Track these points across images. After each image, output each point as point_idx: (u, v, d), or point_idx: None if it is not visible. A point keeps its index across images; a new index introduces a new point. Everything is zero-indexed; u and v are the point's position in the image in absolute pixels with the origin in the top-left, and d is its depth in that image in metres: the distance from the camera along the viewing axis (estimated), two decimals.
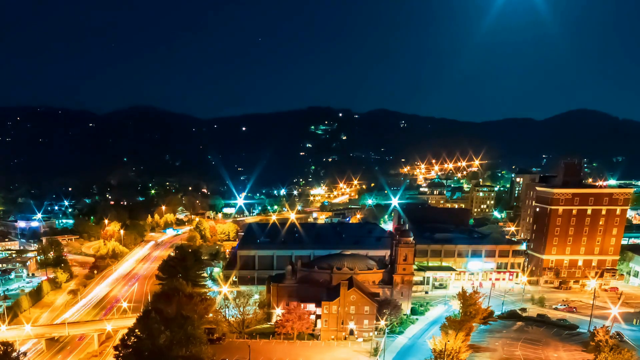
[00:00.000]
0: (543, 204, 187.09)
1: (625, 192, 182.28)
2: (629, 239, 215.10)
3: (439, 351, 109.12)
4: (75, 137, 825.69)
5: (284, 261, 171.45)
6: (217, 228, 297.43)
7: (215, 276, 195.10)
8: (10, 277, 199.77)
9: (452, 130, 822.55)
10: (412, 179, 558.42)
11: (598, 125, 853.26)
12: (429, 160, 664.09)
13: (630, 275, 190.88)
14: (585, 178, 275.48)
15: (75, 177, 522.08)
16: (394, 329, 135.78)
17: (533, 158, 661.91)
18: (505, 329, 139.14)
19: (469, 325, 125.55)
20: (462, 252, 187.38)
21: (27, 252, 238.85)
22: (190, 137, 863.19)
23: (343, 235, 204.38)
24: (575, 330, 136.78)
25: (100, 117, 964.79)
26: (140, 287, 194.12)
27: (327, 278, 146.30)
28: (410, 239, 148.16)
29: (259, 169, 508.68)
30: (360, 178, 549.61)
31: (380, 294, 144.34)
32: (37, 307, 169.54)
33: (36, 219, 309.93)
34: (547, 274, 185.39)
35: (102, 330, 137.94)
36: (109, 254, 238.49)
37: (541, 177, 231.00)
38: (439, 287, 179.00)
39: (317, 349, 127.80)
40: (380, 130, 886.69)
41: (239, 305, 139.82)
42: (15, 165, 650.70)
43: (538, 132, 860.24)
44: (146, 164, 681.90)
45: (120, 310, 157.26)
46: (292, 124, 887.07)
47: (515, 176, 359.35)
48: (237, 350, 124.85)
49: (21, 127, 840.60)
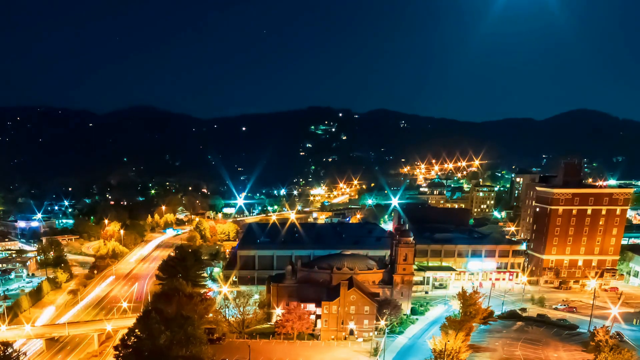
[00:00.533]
0: (543, 204, 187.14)
1: (625, 192, 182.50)
2: (629, 239, 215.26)
3: (439, 351, 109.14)
4: (75, 137, 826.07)
5: (284, 261, 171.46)
6: (217, 228, 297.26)
7: (215, 276, 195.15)
8: (10, 277, 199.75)
9: (452, 130, 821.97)
10: (412, 179, 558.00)
11: (598, 125, 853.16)
12: (429, 160, 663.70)
13: (630, 275, 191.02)
14: (585, 178, 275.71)
15: (75, 177, 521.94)
16: (394, 329, 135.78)
17: (533, 158, 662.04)
18: (505, 329, 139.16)
19: (469, 325, 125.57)
20: (462, 252, 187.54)
21: (27, 252, 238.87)
22: (190, 137, 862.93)
23: (343, 235, 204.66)
24: (575, 330, 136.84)
25: (100, 117, 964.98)
26: (140, 287, 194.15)
27: (327, 278, 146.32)
28: (410, 239, 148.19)
29: (259, 169, 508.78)
30: (360, 178, 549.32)
31: (380, 294, 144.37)
32: (37, 307, 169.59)
33: (36, 219, 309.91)
34: (547, 274, 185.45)
35: (102, 330, 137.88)
36: (109, 254, 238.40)
37: (541, 177, 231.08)
38: (439, 287, 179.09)
39: (317, 349, 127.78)
40: (380, 130, 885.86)
41: (239, 305, 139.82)
42: (15, 165, 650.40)
43: (538, 132, 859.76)
44: (146, 164, 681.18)
45: (120, 310, 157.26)
46: (292, 124, 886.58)
47: (515, 176, 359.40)
48: (237, 350, 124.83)
49: (21, 127, 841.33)
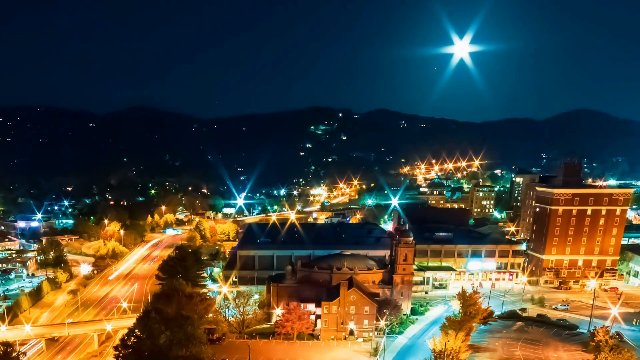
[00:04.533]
0: (543, 204, 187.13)
1: (625, 192, 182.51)
2: (628, 239, 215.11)
3: (439, 351, 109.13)
4: (75, 137, 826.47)
5: (284, 261, 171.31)
6: (217, 228, 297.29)
7: (215, 276, 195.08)
8: (10, 277, 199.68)
9: (452, 130, 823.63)
10: (412, 179, 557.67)
11: (598, 125, 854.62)
12: (429, 161, 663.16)
13: (630, 275, 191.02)
14: (585, 178, 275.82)
15: (75, 177, 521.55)
16: (394, 329, 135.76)
17: (533, 158, 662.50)
18: (505, 329, 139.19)
19: (469, 325, 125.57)
20: (462, 252, 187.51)
21: (27, 252, 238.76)
22: (190, 137, 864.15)
23: (343, 235, 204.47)
24: (575, 331, 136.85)
25: (100, 117, 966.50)
26: (140, 287, 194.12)
27: (327, 278, 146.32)
28: (410, 239, 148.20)
29: (259, 169, 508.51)
30: (360, 178, 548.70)
31: (380, 294, 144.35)
32: (37, 307, 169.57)
33: (36, 219, 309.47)
34: (547, 274, 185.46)
35: (102, 330, 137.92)
36: (108, 254, 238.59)
37: (541, 177, 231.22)
38: (439, 287, 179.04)
39: (317, 349, 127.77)
40: (380, 130, 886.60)
41: (238, 305, 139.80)
42: (15, 165, 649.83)
43: (538, 132, 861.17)
44: (146, 164, 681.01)
45: (120, 310, 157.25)
46: (292, 124, 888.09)
47: (515, 176, 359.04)
48: (237, 350, 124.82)
49: (21, 127, 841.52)
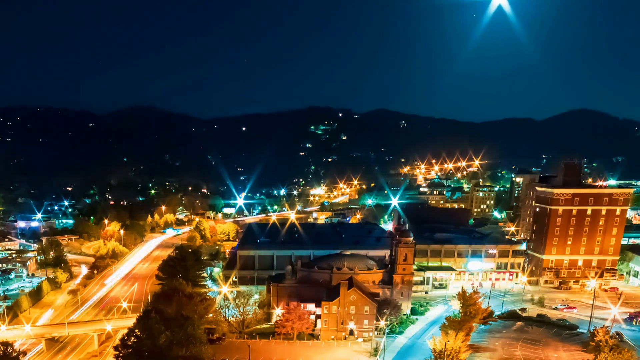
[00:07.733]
0: (543, 204, 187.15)
1: (625, 192, 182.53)
2: (629, 239, 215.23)
3: (439, 351, 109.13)
4: (75, 137, 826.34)
5: (284, 261, 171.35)
6: (217, 228, 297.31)
7: (215, 276, 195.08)
8: (10, 277, 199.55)
9: (452, 130, 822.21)
10: (412, 179, 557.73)
11: (598, 125, 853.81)
12: (429, 160, 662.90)
13: (630, 275, 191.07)
14: (585, 178, 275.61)
15: (75, 177, 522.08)
16: (394, 329, 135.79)
17: (533, 158, 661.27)
18: (505, 329, 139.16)
19: (469, 325, 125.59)
20: (462, 252, 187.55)
21: (27, 252, 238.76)
22: (190, 137, 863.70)
23: (343, 235, 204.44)
24: (575, 330, 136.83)
25: (100, 117, 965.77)
26: (140, 287, 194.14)
27: (327, 278, 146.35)
28: (410, 239, 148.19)
29: (259, 169, 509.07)
30: (360, 178, 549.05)
31: (380, 294, 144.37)
32: (37, 307, 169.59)
33: (36, 219, 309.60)
34: (547, 274, 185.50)
35: (102, 330, 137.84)
36: (108, 254, 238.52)
37: (541, 177, 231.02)
38: (439, 287, 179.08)
39: (317, 349, 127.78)
40: (380, 130, 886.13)
41: (239, 305, 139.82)
42: (15, 165, 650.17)
43: (538, 132, 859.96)
44: (146, 164, 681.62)
45: (120, 310, 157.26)
46: (292, 124, 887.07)
47: (515, 176, 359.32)
48: (237, 350, 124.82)
49: (21, 127, 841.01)
